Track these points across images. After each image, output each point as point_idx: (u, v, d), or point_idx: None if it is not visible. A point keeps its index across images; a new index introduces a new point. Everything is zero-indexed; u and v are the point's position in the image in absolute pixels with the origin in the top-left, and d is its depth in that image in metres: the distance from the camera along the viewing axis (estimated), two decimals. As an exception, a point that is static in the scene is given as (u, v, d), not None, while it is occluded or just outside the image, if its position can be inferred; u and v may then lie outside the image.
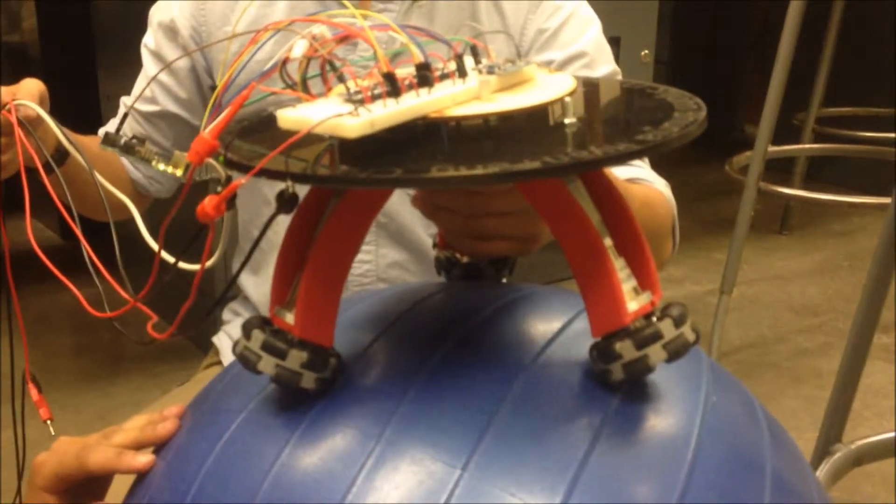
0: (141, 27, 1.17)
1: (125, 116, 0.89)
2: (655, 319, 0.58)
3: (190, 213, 0.55)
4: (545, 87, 0.62)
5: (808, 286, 3.22)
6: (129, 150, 0.71)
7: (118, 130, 0.71)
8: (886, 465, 1.78)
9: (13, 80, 0.90)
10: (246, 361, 0.59)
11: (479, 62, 0.62)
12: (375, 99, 0.54)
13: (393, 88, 0.54)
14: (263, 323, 0.60)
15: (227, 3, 1.10)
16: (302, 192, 0.58)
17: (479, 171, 0.50)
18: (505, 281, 0.83)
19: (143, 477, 0.65)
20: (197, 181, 0.57)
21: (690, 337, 0.58)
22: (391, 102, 0.54)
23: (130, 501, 0.66)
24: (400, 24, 0.57)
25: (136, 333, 0.67)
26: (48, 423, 0.81)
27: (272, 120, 0.56)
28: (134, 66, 1.17)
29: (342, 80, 0.55)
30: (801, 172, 3.57)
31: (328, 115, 0.52)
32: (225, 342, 1.23)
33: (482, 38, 1.07)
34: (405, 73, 0.56)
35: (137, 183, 1.18)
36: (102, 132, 1.17)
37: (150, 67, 1.15)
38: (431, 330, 0.66)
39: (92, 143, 1.12)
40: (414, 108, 0.55)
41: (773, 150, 2.68)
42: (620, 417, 0.58)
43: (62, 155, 0.93)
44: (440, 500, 0.52)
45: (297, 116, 0.54)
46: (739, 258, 2.65)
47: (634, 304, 0.58)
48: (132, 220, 0.73)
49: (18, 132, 0.82)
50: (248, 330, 0.60)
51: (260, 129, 0.61)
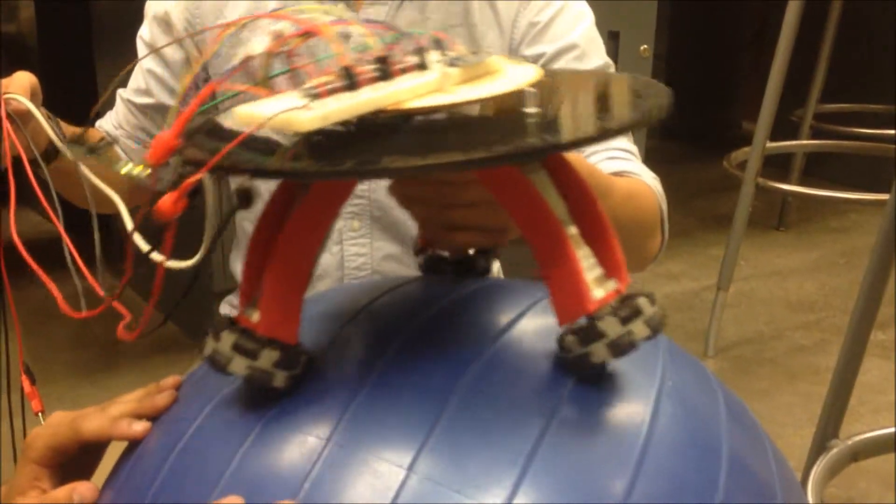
0: (139, 18, 1.17)
1: (96, 117, 0.88)
2: (604, 316, 0.57)
3: (185, 212, 0.55)
4: (509, 78, 0.62)
5: (804, 282, 3.23)
6: (93, 151, 0.71)
7: (94, 122, 0.71)
8: (881, 461, 1.79)
9: (10, 70, 0.90)
10: (215, 363, 0.59)
11: (443, 55, 0.61)
12: (332, 93, 0.54)
13: (350, 82, 0.54)
14: (232, 323, 0.60)
15: None
16: (271, 188, 0.58)
17: (430, 160, 0.50)
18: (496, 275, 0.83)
19: (125, 454, 0.65)
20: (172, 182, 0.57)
21: (640, 334, 0.57)
22: (347, 96, 0.54)
23: (103, 493, 0.66)
24: (365, 19, 0.58)
25: (129, 326, 0.66)
26: (40, 415, 0.81)
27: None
28: (132, 57, 1.17)
29: (294, 76, 0.55)
30: (798, 169, 3.58)
31: (280, 109, 0.52)
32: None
33: (475, 32, 1.07)
34: (368, 68, 0.56)
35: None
36: (99, 125, 1.18)
37: (145, 60, 1.15)
38: (388, 324, 0.66)
39: (89, 134, 1.12)
40: (369, 101, 0.55)
41: (771, 146, 2.68)
42: (572, 406, 0.57)
43: (55, 148, 0.93)
44: (386, 500, 0.52)
45: (250, 111, 0.54)
46: (737, 254, 2.66)
47: (600, 291, 0.58)
48: (132, 213, 0.73)
49: (7, 126, 0.82)
50: (217, 331, 0.59)
51: (228, 128, 0.61)
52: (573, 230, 0.58)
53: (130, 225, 0.63)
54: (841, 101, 3.59)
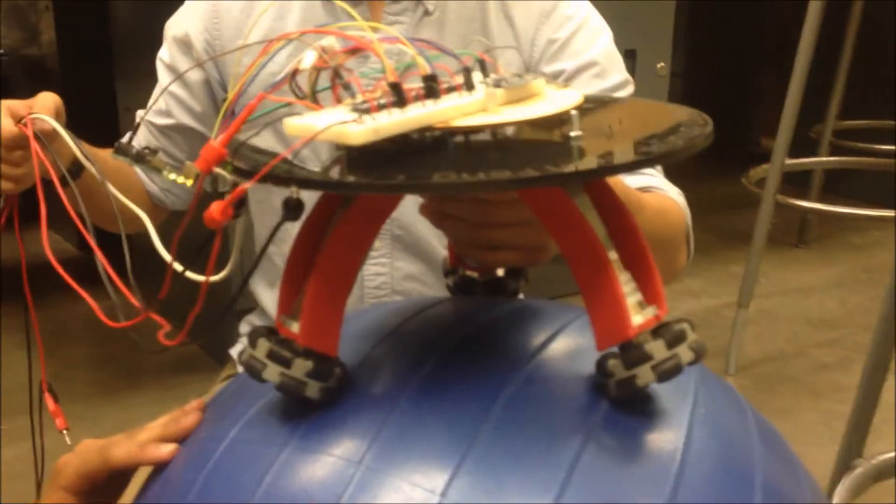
0: (159, 40, 1.17)
1: (137, 127, 0.90)
2: (650, 338, 0.57)
3: (203, 224, 0.55)
4: (552, 100, 0.62)
5: (826, 300, 3.20)
6: (140, 159, 0.71)
7: (130, 141, 0.72)
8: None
9: (31, 93, 0.91)
10: (251, 369, 0.59)
11: (486, 75, 0.62)
12: (381, 109, 0.54)
13: (399, 99, 0.55)
14: (270, 332, 0.60)
15: (240, 17, 1.11)
16: (312, 202, 0.58)
17: (480, 177, 0.50)
18: (521, 296, 0.83)
19: (152, 476, 0.66)
20: (209, 192, 0.58)
21: (685, 358, 0.57)
22: (396, 112, 0.55)
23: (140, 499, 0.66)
24: (409, 37, 0.58)
25: (151, 343, 0.67)
26: (65, 433, 0.81)
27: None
28: (151, 78, 1.18)
29: (348, 89, 0.55)
30: (818, 185, 3.56)
31: (333, 122, 0.53)
32: (241, 354, 1.23)
33: (492, 49, 1.07)
34: (413, 85, 0.57)
35: (153, 195, 1.18)
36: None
37: (165, 81, 1.16)
38: (420, 346, 0.66)
39: (109, 155, 1.12)
40: (418, 117, 0.55)
41: (790, 162, 2.67)
42: (606, 432, 0.57)
43: (79, 167, 0.93)
44: None
45: (302, 124, 0.54)
46: (757, 271, 2.64)
47: (639, 317, 0.58)
48: (148, 231, 0.73)
49: (35, 145, 0.82)
50: (253, 338, 0.60)
51: (270, 139, 0.62)
52: (613, 255, 0.58)
53: (157, 241, 0.63)
54: (859, 117, 3.58)
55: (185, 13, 1.14)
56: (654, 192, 1.03)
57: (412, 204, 1.12)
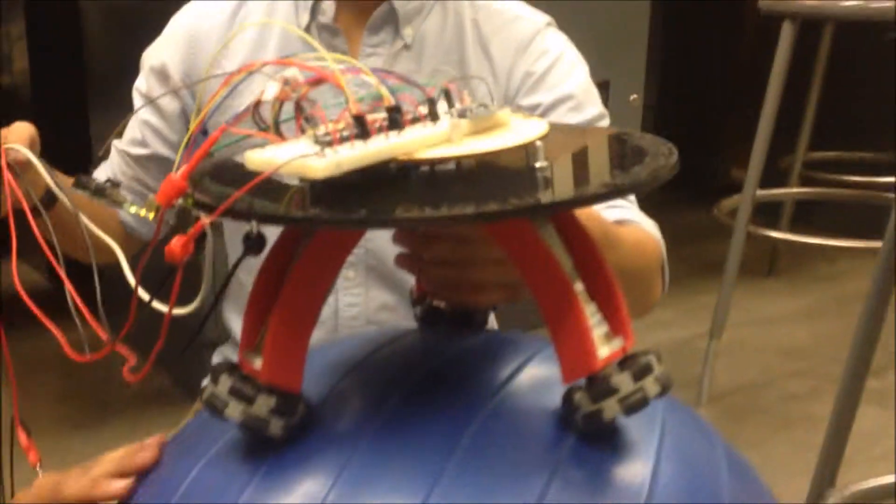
0: (133, 69, 1.17)
1: (105, 154, 0.89)
2: (617, 371, 0.57)
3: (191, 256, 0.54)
4: (517, 131, 0.62)
5: (796, 330, 3.22)
6: (100, 193, 0.70)
7: (92, 173, 0.71)
8: (878, 510, 1.77)
9: (3, 122, 0.90)
10: (213, 407, 0.58)
11: (452, 105, 0.62)
12: (344, 141, 0.54)
13: (361, 131, 0.55)
14: (233, 368, 0.59)
15: (217, 47, 1.11)
16: (276, 233, 0.58)
17: (443, 212, 0.50)
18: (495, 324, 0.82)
19: None
20: (175, 225, 0.57)
21: (651, 391, 0.57)
22: (359, 144, 0.54)
23: None
24: (373, 69, 0.58)
25: (120, 376, 0.66)
26: (38, 467, 0.80)
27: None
28: (126, 108, 1.17)
29: (309, 121, 0.55)
30: (788, 216, 3.59)
31: (294, 155, 0.52)
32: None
33: (470, 81, 1.08)
34: (378, 116, 0.57)
35: (128, 225, 1.17)
36: (94, 176, 1.18)
37: (141, 111, 1.15)
38: (383, 381, 0.65)
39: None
40: (381, 150, 0.55)
41: (761, 193, 2.69)
42: (572, 465, 0.57)
43: (52, 198, 0.93)
44: None
45: (263, 157, 0.54)
46: (729, 302, 2.66)
47: (606, 349, 0.57)
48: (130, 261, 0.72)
49: (7, 176, 0.82)
50: (216, 374, 0.59)
51: (233, 172, 0.61)
52: (579, 286, 0.58)
53: (129, 272, 0.63)
54: (829, 148, 3.62)
55: (162, 43, 1.14)
56: (629, 225, 1.03)
57: (385, 234, 1.12)
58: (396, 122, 0.57)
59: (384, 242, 1.11)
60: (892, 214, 1.48)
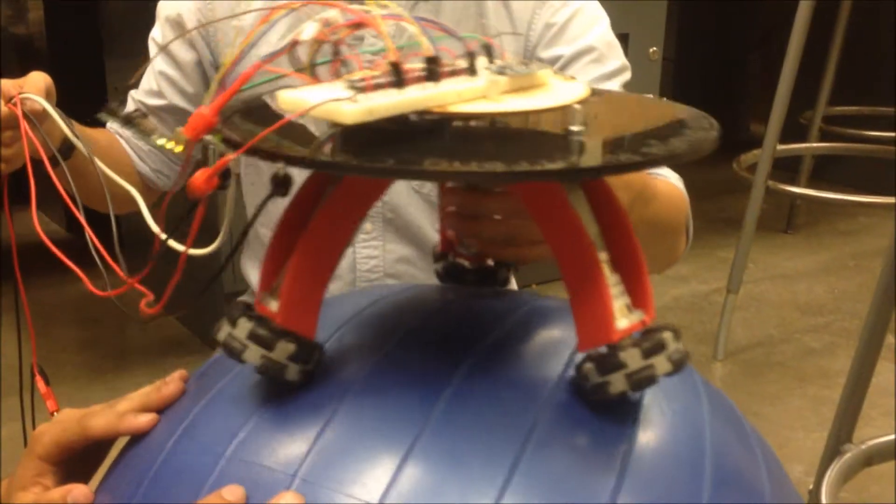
0: (149, 18, 1.16)
1: (125, 99, 0.88)
2: (626, 346, 0.56)
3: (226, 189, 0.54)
4: (556, 92, 0.61)
5: (814, 285, 3.22)
6: (129, 121, 0.70)
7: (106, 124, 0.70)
8: (893, 465, 1.78)
9: (19, 72, 0.90)
10: (231, 350, 0.58)
11: (492, 61, 0.60)
12: (378, 88, 0.53)
13: (397, 79, 0.53)
14: (250, 310, 0.59)
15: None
16: (301, 179, 0.57)
17: (472, 167, 0.49)
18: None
19: (129, 442, 0.65)
20: (201, 163, 0.57)
21: (661, 369, 0.56)
22: (393, 93, 0.53)
23: (103, 483, 0.65)
24: (415, 17, 0.56)
25: (138, 314, 0.66)
26: (55, 415, 0.81)
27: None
28: (142, 58, 1.17)
29: (345, 65, 0.54)
30: (807, 171, 3.57)
31: (326, 98, 0.51)
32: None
33: (489, 33, 1.07)
34: (415, 66, 0.55)
35: (144, 175, 1.17)
36: (110, 126, 1.18)
37: (156, 61, 1.15)
38: (382, 330, 0.65)
39: (100, 135, 1.12)
40: (415, 100, 0.54)
41: (781, 148, 2.67)
42: (552, 420, 0.56)
43: (69, 147, 0.93)
44: None
45: (295, 98, 0.53)
46: (746, 257, 2.65)
47: (625, 321, 0.56)
48: (138, 212, 0.72)
49: (24, 125, 0.82)
50: (233, 317, 0.58)
51: (264, 111, 0.60)
52: (604, 255, 0.57)
53: (149, 216, 0.62)
54: (849, 103, 3.58)
55: (177, -7, 1.13)
56: (658, 178, 1.03)
57: (404, 187, 1.12)
58: (434, 73, 0.55)
59: (402, 196, 1.11)
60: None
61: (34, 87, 0.86)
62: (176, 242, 0.61)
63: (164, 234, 0.61)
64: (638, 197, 0.85)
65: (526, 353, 0.63)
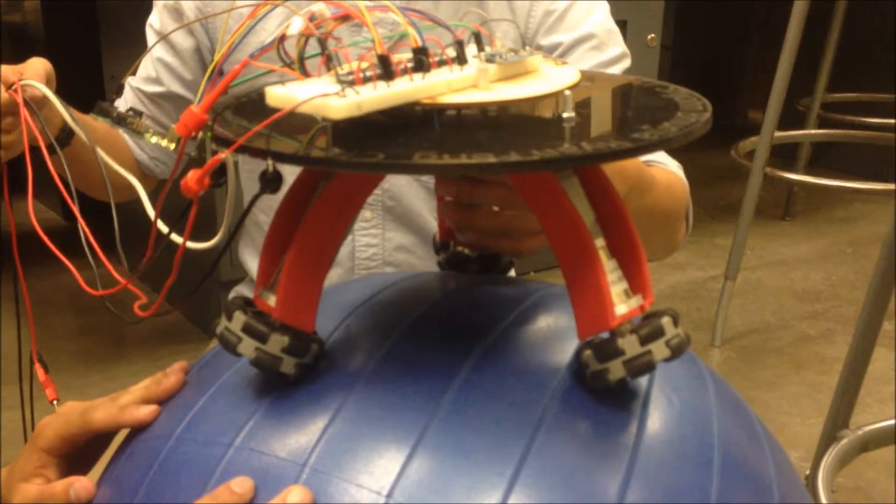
0: (145, 6, 1.16)
1: (120, 89, 0.88)
2: (625, 333, 0.56)
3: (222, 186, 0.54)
4: (547, 78, 0.60)
5: (811, 272, 3.22)
6: (121, 121, 0.70)
7: (113, 103, 0.70)
8: (888, 451, 1.78)
9: (14, 60, 0.89)
10: (226, 343, 0.58)
11: (482, 49, 0.60)
12: (367, 81, 0.53)
13: (385, 72, 0.53)
14: (247, 304, 0.59)
15: None
16: (293, 173, 0.57)
17: (463, 160, 0.48)
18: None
19: (130, 434, 0.65)
20: (195, 158, 0.57)
21: (659, 356, 0.56)
22: (382, 86, 0.53)
23: (104, 476, 0.65)
24: (401, 7, 0.56)
25: (130, 314, 0.66)
26: (54, 403, 0.81)
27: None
28: (138, 46, 1.16)
29: (331, 59, 0.54)
30: (805, 158, 3.57)
31: (315, 94, 0.51)
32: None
33: (488, 22, 1.06)
34: (403, 57, 0.55)
35: (142, 163, 1.17)
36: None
37: (155, 48, 1.15)
38: (388, 319, 0.65)
39: (98, 123, 1.11)
40: (405, 92, 0.54)
41: (779, 135, 2.67)
42: (561, 409, 0.56)
43: (67, 135, 0.93)
44: None
45: (283, 94, 0.53)
46: (744, 244, 2.65)
47: (624, 307, 0.56)
48: (137, 200, 0.72)
49: (24, 112, 0.81)
50: (230, 310, 0.58)
51: (256, 106, 0.60)
52: (601, 241, 0.57)
53: (149, 206, 0.62)
54: (847, 90, 3.58)
55: (174, -21, 1.13)
56: (657, 166, 1.02)
57: (404, 176, 1.12)
58: (422, 64, 0.55)
59: (402, 184, 1.11)
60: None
61: (35, 73, 0.86)
62: (176, 235, 0.61)
63: (165, 227, 0.61)
64: (635, 187, 0.85)
65: (534, 342, 0.63)
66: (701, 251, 3.32)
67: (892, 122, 3.23)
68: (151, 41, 1.15)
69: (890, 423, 1.64)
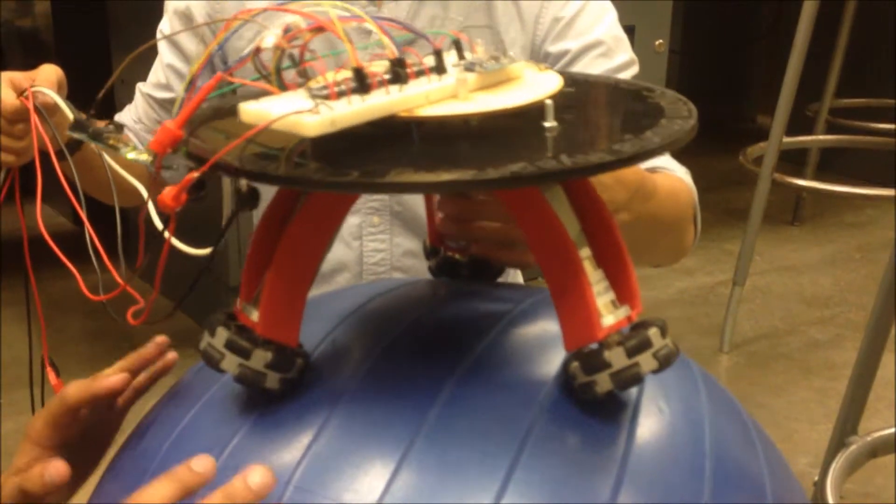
0: (156, 11, 1.16)
1: (104, 95, 0.87)
2: (612, 345, 0.55)
3: (208, 202, 0.54)
4: (530, 86, 0.59)
5: (819, 278, 3.21)
6: (97, 137, 0.70)
7: (112, 118, 0.70)
8: (899, 457, 1.78)
9: (24, 64, 0.90)
10: (209, 359, 0.57)
11: (462, 57, 0.58)
12: (342, 95, 0.51)
13: (360, 85, 0.52)
14: (229, 319, 0.58)
15: None
16: (272, 187, 0.57)
17: (440, 177, 0.47)
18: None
19: (114, 462, 0.66)
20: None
21: (646, 367, 0.55)
22: (357, 100, 0.51)
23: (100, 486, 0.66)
24: (376, 17, 0.55)
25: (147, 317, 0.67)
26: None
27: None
28: (149, 51, 1.17)
29: (303, 74, 0.53)
30: (813, 164, 3.56)
31: (288, 110, 0.50)
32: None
33: (497, 29, 1.06)
34: (380, 69, 0.54)
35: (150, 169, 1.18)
36: (118, 118, 1.18)
37: (165, 54, 1.15)
38: (376, 329, 0.64)
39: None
40: (380, 106, 0.52)
41: (787, 140, 2.67)
42: (549, 419, 0.56)
43: (78, 140, 0.93)
44: None
45: (257, 110, 0.52)
46: (753, 249, 2.65)
47: (611, 318, 0.55)
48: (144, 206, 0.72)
49: (35, 119, 0.82)
50: (212, 326, 0.57)
51: (233, 120, 0.57)
52: (586, 252, 0.56)
53: (155, 214, 0.62)
54: (856, 95, 3.57)
55: (185, -14, 1.13)
56: (662, 172, 1.02)
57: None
58: (399, 76, 0.54)
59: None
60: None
61: (46, 80, 0.86)
62: (185, 248, 0.61)
63: (167, 232, 0.61)
64: (636, 194, 0.85)
65: (521, 354, 0.63)
66: (709, 256, 3.32)
67: (900, 127, 3.23)
68: (161, 47, 1.16)
69: (899, 429, 1.64)
